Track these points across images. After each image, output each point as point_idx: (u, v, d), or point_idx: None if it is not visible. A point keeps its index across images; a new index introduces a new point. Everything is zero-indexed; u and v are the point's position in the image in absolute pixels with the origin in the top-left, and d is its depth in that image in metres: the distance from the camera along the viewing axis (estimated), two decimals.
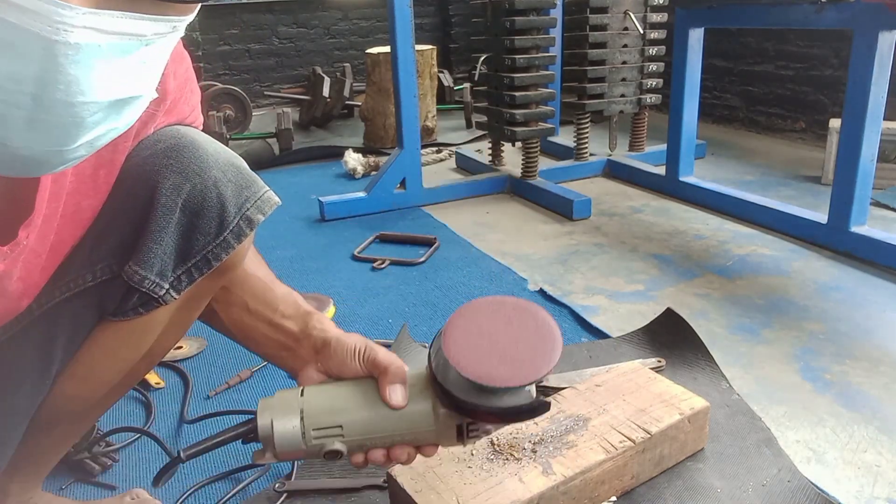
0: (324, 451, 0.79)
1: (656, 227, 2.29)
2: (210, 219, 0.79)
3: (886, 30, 1.80)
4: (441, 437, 0.81)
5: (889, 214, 2.29)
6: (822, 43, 3.27)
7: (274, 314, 0.92)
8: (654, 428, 1.05)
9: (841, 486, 1.06)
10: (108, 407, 0.95)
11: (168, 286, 0.78)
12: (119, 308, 0.79)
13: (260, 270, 0.96)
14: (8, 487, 0.94)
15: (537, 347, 0.74)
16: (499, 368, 0.72)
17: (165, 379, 1.45)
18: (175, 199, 0.77)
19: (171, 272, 0.78)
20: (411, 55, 2.45)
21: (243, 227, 0.82)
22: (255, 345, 0.94)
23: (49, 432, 0.88)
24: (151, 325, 0.83)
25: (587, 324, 1.61)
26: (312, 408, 0.80)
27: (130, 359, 0.85)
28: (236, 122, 3.91)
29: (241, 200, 0.81)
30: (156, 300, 0.79)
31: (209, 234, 0.79)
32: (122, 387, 0.91)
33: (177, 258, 0.78)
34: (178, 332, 0.89)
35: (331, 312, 1.64)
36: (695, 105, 2.49)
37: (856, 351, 1.46)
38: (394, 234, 2.29)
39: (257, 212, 0.83)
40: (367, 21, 5.23)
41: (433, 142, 3.64)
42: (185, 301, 0.83)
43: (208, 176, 0.78)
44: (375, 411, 0.80)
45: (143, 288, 0.77)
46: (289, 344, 0.91)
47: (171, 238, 0.77)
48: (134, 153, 0.79)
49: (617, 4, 2.78)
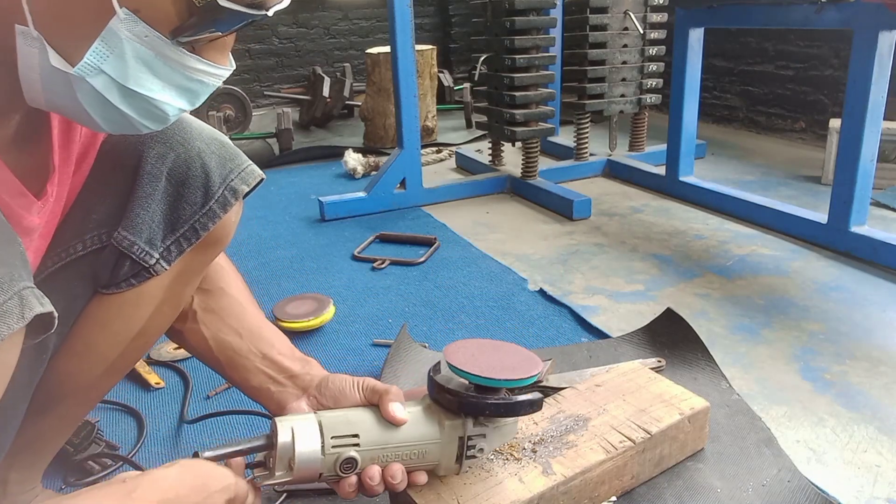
0: (341, 460, 0.81)
1: (656, 227, 2.29)
2: (195, 188, 0.82)
3: (886, 30, 1.80)
4: (445, 449, 0.87)
5: (889, 214, 2.29)
6: (822, 43, 3.27)
7: (270, 349, 0.95)
8: (654, 428, 1.04)
9: (841, 486, 1.06)
10: (106, 390, 0.95)
11: (158, 256, 0.81)
12: (111, 279, 0.81)
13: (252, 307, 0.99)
14: (7, 476, 0.93)
15: (522, 361, 0.88)
16: (496, 370, 0.85)
17: (165, 379, 1.45)
18: (160, 167, 0.80)
19: (161, 242, 0.81)
20: (411, 55, 2.45)
21: (228, 197, 0.84)
22: (242, 375, 0.95)
23: (47, 415, 0.88)
24: (144, 297, 0.84)
25: (587, 324, 1.61)
26: (329, 419, 0.84)
27: (125, 333, 0.85)
28: (236, 122, 3.91)
29: (226, 172, 0.84)
30: (146, 270, 0.81)
31: (195, 203, 0.82)
32: (119, 368, 0.91)
33: (165, 227, 0.81)
34: (170, 310, 0.90)
35: (331, 312, 1.64)
36: (695, 105, 2.49)
37: (856, 351, 1.46)
38: (394, 234, 2.29)
39: (241, 182, 0.85)
40: (367, 21, 5.23)
41: (433, 142, 3.65)
42: (176, 276, 0.85)
43: (192, 146, 0.82)
44: (384, 424, 0.86)
45: (132, 254, 0.80)
46: (280, 379, 0.94)
47: (157, 206, 0.80)
48: None
49: (617, 4, 2.78)
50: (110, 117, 0.64)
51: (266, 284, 1.94)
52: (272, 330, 0.98)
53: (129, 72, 0.60)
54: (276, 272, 2.04)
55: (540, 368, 0.88)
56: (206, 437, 1.26)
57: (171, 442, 1.25)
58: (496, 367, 0.86)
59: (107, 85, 0.61)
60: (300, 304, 1.65)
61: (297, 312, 1.61)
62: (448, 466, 0.89)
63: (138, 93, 0.62)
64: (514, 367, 0.86)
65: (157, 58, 0.61)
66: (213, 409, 1.32)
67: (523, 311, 1.71)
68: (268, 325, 0.99)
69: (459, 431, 0.87)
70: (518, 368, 0.86)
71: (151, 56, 0.61)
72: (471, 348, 0.90)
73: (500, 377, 0.84)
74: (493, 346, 0.92)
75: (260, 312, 1.00)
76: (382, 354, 1.49)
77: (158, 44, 0.60)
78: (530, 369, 0.86)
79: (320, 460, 0.80)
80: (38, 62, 0.59)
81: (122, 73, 0.60)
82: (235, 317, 0.96)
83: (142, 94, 0.63)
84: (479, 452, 0.88)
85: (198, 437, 1.26)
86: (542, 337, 1.57)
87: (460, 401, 0.85)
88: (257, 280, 1.98)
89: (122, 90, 0.62)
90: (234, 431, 1.27)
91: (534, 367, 0.87)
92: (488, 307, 1.74)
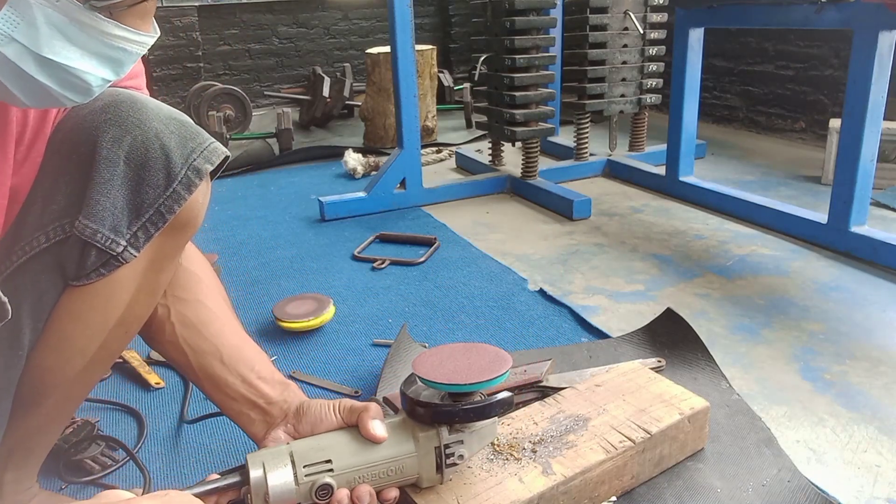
0: (316, 487, 0.82)
1: (656, 227, 2.29)
2: (156, 170, 0.79)
3: (886, 30, 1.80)
4: (423, 462, 0.88)
5: (889, 214, 2.29)
6: (822, 43, 3.27)
7: (250, 373, 0.95)
8: (654, 428, 1.05)
9: (841, 486, 1.06)
10: (92, 384, 0.94)
11: (125, 243, 0.79)
12: (79, 271, 0.79)
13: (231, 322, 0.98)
14: (3, 477, 0.93)
15: (491, 361, 0.89)
16: (463, 374, 0.87)
17: (165, 379, 1.45)
18: (116, 151, 0.77)
19: (126, 228, 0.79)
20: (411, 55, 2.45)
21: (192, 178, 0.81)
22: (222, 397, 0.95)
23: (35, 411, 0.87)
24: (117, 286, 0.82)
25: (587, 324, 1.61)
26: (301, 448, 0.85)
27: (101, 324, 0.84)
28: (236, 122, 3.91)
29: (187, 151, 0.81)
30: (115, 258, 0.79)
31: (157, 186, 0.79)
32: (102, 360, 0.90)
33: (130, 213, 0.79)
34: (148, 298, 0.88)
35: (331, 312, 1.64)
36: (695, 105, 2.49)
37: (856, 351, 1.46)
38: (394, 234, 2.29)
39: (205, 161, 0.82)
40: (367, 21, 5.23)
41: (433, 142, 3.64)
42: (149, 263, 0.83)
43: (149, 127, 0.79)
44: (361, 444, 0.87)
45: (96, 242, 0.77)
46: (260, 404, 0.94)
47: (118, 191, 0.78)
48: (72, 113, 0.81)
49: (617, 4, 2.78)
50: (29, 89, 0.63)
51: (266, 284, 1.94)
52: (252, 348, 0.98)
53: (41, 39, 0.59)
54: (276, 272, 2.04)
55: (509, 366, 0.88)
56: (206, 437, 1.26)
57: (171, 442, 1.25)
58: (464, 372, 0.86)
59: (20, 53, 0.59)
60: (300, 304, 1.65)
61: (297, 312, 1.61)
62: (430, 478, 0.90)
63: (55, 61, 0.61)
64: (482, 369, 0.87)
65: (70, 24, 0.60)
66: (213, 409, 1.31)
67: (523, 311, 1.71)
68: (247, 342, 0.98)
69: (434, 442, 0.88)
70: (486, 369, 0.87)
71: (65, 22, 0.59)
72: (439, 356, 0.91)
73: (467, 381, 0.85)
74: (462, 349, 0.92)
75: (239, 327, 0.99)
76: (382, 354, 1.49)
77: (71, 9, 0.59)
78: (498, 368, 0.87)
79: (294, 490, 0.82)
80: None
81: (34, 40, 0.59)
82: (215, 334, 0.94)
83: (59, 63, 0.61)
84: (459, 459, 0.89)
85: (198, 437, 1.26)
86: (542, 337, 1.57)
87: (430, 411, 0.87)
88: (257, 280, 1.98)
89: (37, 59, 0.60)
90: (234, 431, 1.26)
91: (502, 365, 0.88)
92: (488, 307, 1.74)
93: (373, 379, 1.41)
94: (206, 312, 0.96)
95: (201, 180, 0.82)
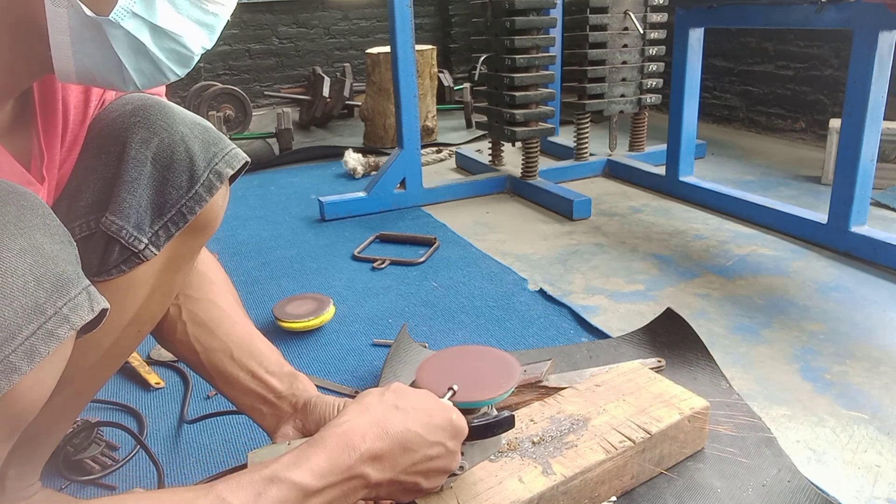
0: None
1: (656, 227, 2.29)
2: (180, 172, 0.82)
3: (886, 30, 1.80)
4: None
5: (889, 214, 2.29)
6: (822, 43, 3.27)
7: (258, 367, 0.96)
8: (654, 428, 1.04)
9: (841, 486, 1.06)
10: (101, 382, 0.95)
11: (147, 241, 0.81)
12: (102, 266, 0.81)
13: (242, 319, 1.00)
14: (5, 472, 0.93)
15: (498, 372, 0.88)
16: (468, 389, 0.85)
17: (165, 379, 1.45)
18: (144, 151, 0.80)
19: (149, 227, 0.82)
20: (411, 55, 2.45)
21: (213, 181, 0.84)
22: (233, 392, 0.97)
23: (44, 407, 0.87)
24: (134, 284, 0.84)
25: (587, 324, 1.61)
26: None
27: (117, 321, 0.85)
28: (236, 122, 3.91)
29: (210, 155, 0.84)
30: (136, 255, 0.81)
31: (181, 187, 0.82)
32: (113, 357, 0.91)
33: (153, 212, 0.82)
34: (162, 298, 0.90)
35: (331, 312, 1.64)
36: (695, 105, 2.49)
37: (856, 351, 1.46)
38: (394, 234, 2.29)
39: (226, 166, 0.86)
40: (367, 21, 5.23)
41: (433, 142, 3.65)
42: (166, 262, 0.86)
43: (175, 131, 0.82)
44: None
45: (120, 238, 0.80)
46: (269, 398, 0.96)
47: (144, 190, 0.81)
48: (102, 116, 0.84)
49: (617, 4, 2.78)
50: (143, 66, 0.65)
51: (266, 284, 1.94)
52: (261, 342, 0.99)
53: (156, 10, 0.63)
54: (276, 272, 2.04)
55: (518, 376, 0.87)
56: (207, 437, 1.26)
57: (171, 442, 1.25)
58: (471, 384, 0.86)
59: (139, 27, 0.63)
60: (300, 304, 1.65)
61: (297, 312, 1.61)
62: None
63: (167, 32, 0.64)
64: (490, 381, 0.86)
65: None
66: (213, 409, 1.32)
67: (523, 311, 1.71)
68: (257, 337, 0.99)
69: None
70: (494, 382, 0.86)
71: None
72: (443, 362, 0.90)
73: (474, 399, 0.84)
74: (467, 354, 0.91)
75: (250, 324, 1.01)
76: (382, 354, 1.49)
77: None
78: (507, 381, 0.86)
79: None
80: (67, 22, 0.60)
81: (150, 11, 0.63)
82: (225, 331, 0.96)
83: (170, 33, 0.64)
84: (459, 470, 0.89)
85: (198, 437, 1.26)
86: (542, 337, 1.57)
87: None
88: (257, 280, 1.98)
89: (153, 30, 0.64)
90: (234, 431, 1.27)
91: (510, 377, 0.87)
92: (488, 307, 1.74)
93: (373, 379, 1.42)
94: (216, 311, 0.97)
95: (222, 183, 0.85)
